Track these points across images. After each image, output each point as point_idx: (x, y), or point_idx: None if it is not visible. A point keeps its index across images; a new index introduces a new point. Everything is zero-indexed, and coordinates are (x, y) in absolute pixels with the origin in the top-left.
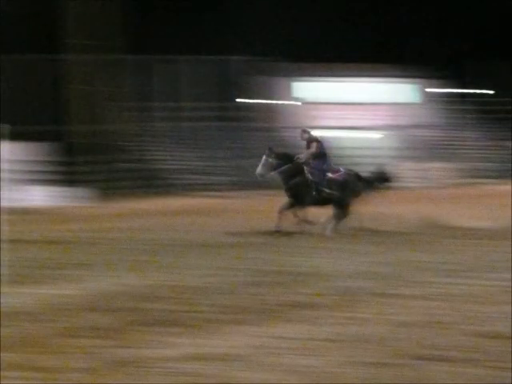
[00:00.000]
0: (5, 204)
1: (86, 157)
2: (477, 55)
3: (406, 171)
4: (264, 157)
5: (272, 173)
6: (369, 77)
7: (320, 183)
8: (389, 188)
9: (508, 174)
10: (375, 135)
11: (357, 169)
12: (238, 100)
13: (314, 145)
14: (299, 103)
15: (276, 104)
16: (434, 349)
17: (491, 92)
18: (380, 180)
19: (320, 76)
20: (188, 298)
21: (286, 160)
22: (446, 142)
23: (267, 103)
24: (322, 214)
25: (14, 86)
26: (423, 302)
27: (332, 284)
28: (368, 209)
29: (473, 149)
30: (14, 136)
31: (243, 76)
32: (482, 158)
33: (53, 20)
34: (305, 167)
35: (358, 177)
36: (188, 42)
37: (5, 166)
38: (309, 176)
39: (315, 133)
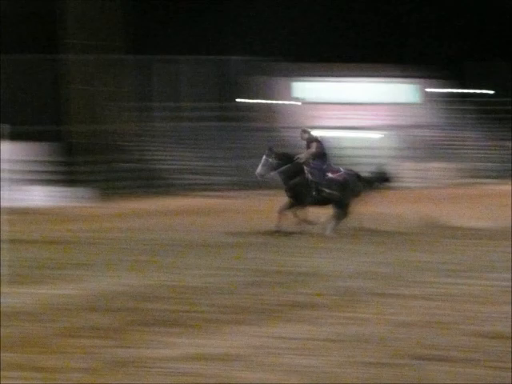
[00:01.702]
0: (5, 204)
1: (85, 157)
2: (477, 55)
3: (406, 171)
4: (264, 157)
5: (272, 173)
6: (369, 77)
7: (320, 183)
8: (389, 188)
9: (508, 173)
10: (375, 135)
11: (357, 169)
12: (238, 100)
13: (314, 145)
14: (299, 103)
15: (276, 104)
16: (434, 349)
17: (491, 92)
18: (380, 180)
19: (320, 76)
20: (188, 298)
21: (286, 160)
22: (446, 142)
23: (267, 103)
24: (322, 214)
25: (14, 85)
26: (423, 302)
27: (332, 284)
28: (368, 209)
29: (473, 149)
30: (14, 136)
31: (243, 76)
32: (482, 158)
33: (53, 20)
34: (305, 167)
35: (358, 177)
36: (188, 42)
37: (5, 166)
38: (309, 176)
39: (315, 133)
